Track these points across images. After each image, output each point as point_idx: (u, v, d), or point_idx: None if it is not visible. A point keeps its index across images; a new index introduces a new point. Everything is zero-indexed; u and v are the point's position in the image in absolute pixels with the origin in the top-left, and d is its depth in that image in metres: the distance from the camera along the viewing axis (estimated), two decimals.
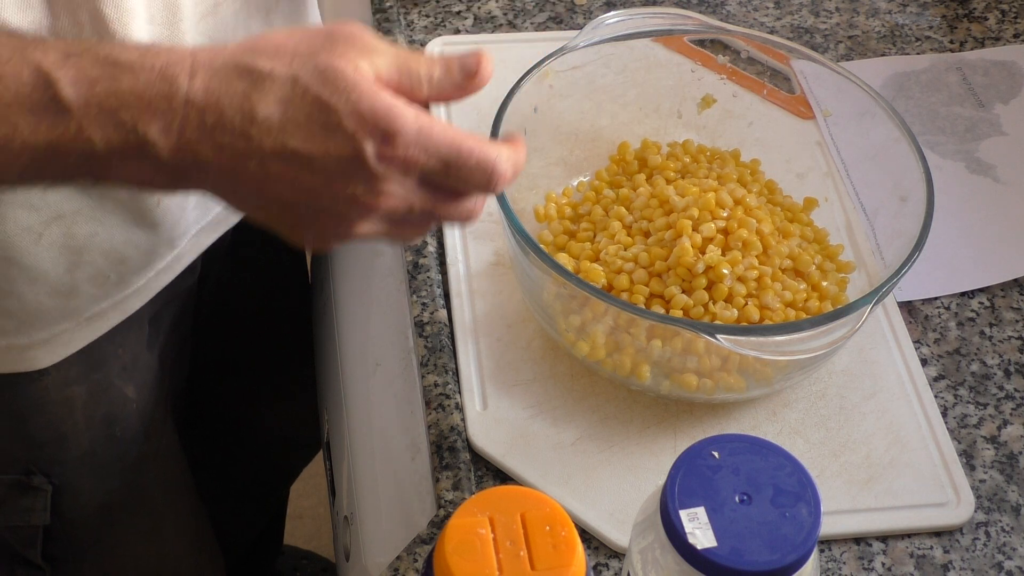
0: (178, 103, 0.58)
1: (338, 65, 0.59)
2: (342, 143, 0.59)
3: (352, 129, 0.59)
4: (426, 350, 0.84)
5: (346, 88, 0.59)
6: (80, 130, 0.58)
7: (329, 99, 0.59)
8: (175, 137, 0.59)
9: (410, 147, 0.60)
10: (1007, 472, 0.81)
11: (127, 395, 0.90)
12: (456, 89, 0.64)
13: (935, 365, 0.86)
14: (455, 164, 0.61)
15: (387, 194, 0.61)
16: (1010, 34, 1.09)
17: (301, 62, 0.59)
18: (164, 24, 0.73)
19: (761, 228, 0.82)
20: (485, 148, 0.62)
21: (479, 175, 0.62)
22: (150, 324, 0.91)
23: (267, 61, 0.59)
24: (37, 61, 0.58)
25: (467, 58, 0.63)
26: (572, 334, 0.80)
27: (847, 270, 0.86)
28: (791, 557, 0.58)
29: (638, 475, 0.78)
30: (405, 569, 0.74)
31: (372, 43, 0.61)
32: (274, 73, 0.59)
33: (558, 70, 0.88)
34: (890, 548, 0.77)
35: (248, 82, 0.59)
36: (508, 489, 0.60)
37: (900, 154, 0.84)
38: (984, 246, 0.93)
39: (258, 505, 1.34)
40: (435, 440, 0.80)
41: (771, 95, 0.94)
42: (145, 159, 0.59)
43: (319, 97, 0.59)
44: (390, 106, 0.59)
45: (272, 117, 0.59)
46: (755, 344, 0.73)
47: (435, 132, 0.61)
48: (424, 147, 0.60)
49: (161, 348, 0.94)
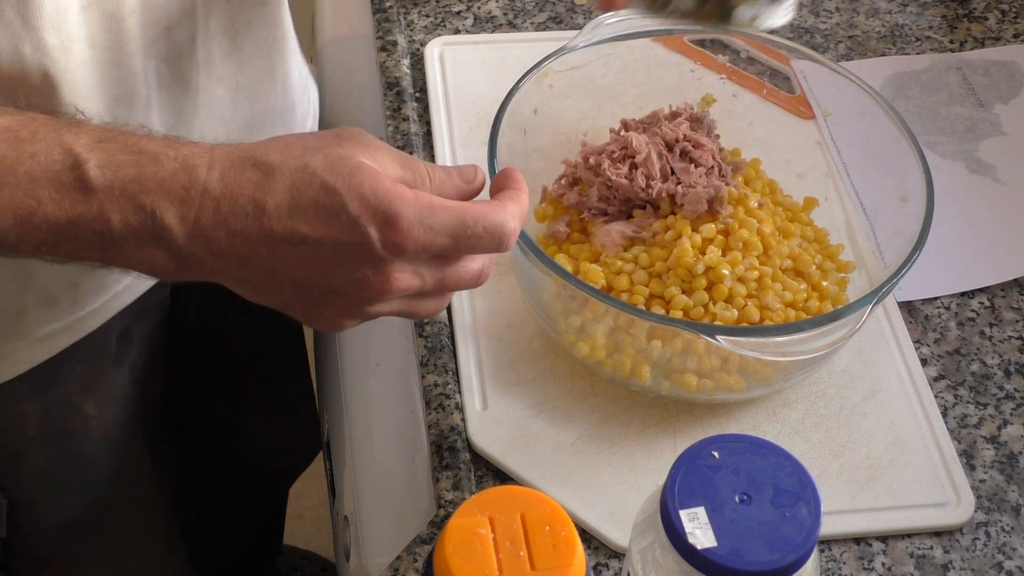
0: (196, 192, 0.61)
1: (344, 154, 0.62)
2: (348, 229, 0.61)
3: (356, 214, 0.61)
4: (426, 350, 0.84)
5: (350, 173, 0.61)
6: (101, 211, 0.61)
7: (334, 184, 0.61)
8: (191, 224, 0.61)
9: (414, 229, 0.62)
10: (1007, 472, 0.81)
11: (87, 412, 0.89)
12: (455, 191, 0.66)
13: (935, 365, 0.86)
14: (463, 236, 0.63)
15: (396, 275, 0.63)
16: (1010, 34, 1.09)
17: (311, 154, 0.62)
18: (108, 48, 0.73)
19: (762, 228, 0.82)
20: (489, 213, 0.64)
21: (489, 241, 0.64)
22: (118, 341, 0.90)
23: (278, 155, 0.62)
24: (70, 143, 0.61)
25: (464, 168, 0.67)
26: (572, 335, 0.80)
27: (847, 270, 0.86)
28: (791, 557, 0.58)
29: (638, 475, 0.78)
30: (405, 569, 0.74)
31: (377, 143, 0.64)
32: (284, 164, 0.62)
33: (558, 70, 0.88)
34: (890, 548, 0.77)
35: (260, 173, 0.62)
36: (508, 489, 0.60)
37: (900, 154, 0.84)
38: (984, 246, 0.93)
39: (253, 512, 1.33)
40: (435, 440, 0.80)
41: (771, 95, 0.94)
42: (160, 244, 0.62)
43: (325, 182, 0.61)
44: (389, 189, 0.61)
45: (282, 204, 0.61)
46: (755, 345, 0.73)
47: (436, 209, 0.62)
48: (429, 226, 0.62)
49: (131, 364, 0.93)
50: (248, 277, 0.64)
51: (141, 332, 0.93)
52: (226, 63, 0.83)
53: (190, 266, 0.63)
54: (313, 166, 0.62)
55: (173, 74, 0.79)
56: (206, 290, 0.68)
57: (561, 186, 0.89)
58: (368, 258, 0.62)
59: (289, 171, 0.62)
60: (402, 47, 1.03)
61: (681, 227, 0.82)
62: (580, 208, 0.86)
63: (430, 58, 1.02)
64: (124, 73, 0.74)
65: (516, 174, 0.69)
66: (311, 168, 0.62)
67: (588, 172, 0.86)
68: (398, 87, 1.00)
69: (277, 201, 0.61)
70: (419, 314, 0.68)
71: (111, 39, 0.73)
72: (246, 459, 1.21)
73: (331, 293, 0.64)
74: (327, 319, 0.66)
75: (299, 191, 0.61)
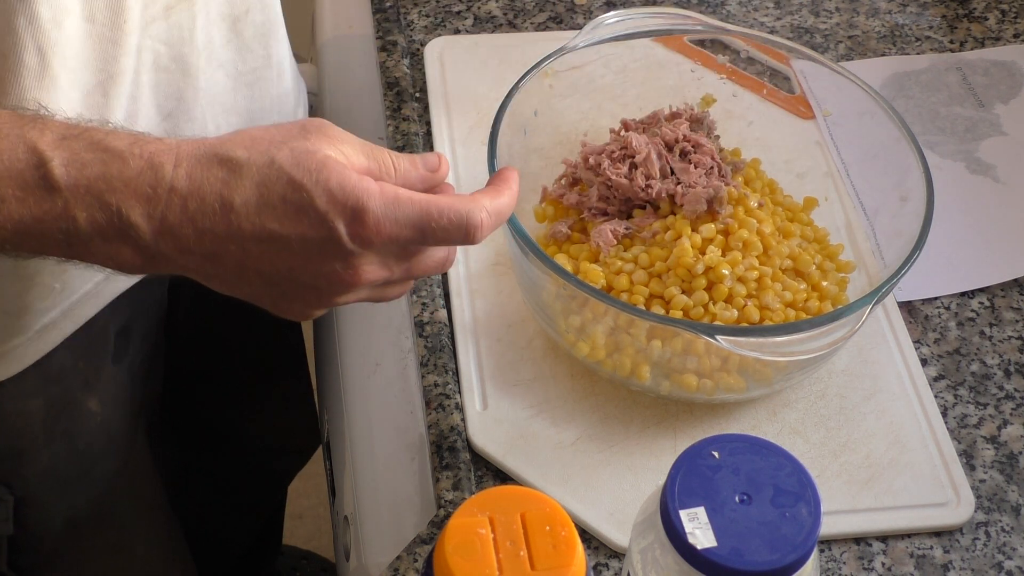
0: (163, 191, 0.61)
1: (311, 148, 0.62)
2: (316, 224, 0.62)
3: (324, 209, 0.62)
4: (426, 350, 0.84)
5: (316, 168, 0.62)
6: (66, 209, 0.61)
7: (301, 179, 0.62)
8: (158, 222, 0.61)
9: (380, 222, 0.62)
10: (1007, 472, 0.81)
11: (90, 409, 0.89)
12: (419, 180, 0.67)
13: (935, 365, 0.86)
14: (428, 228, 0.64)
15: (364, 268, 0.64)
16: (1010, 34, 1.09)
17: (276, 148, 0.62)
18: (106, 24, 0.73)
19: (761, 228, 0.82)
20: (455, 205, 0.64)
21: (455, 232, 0.64)
22: (116, 337, 0.90)
23: (244, 151, 0.63)
24: (34, 140, 0.61)
25: (428, 156, 0.68)
26: (572, 334, 0.80)
27: (847, 270, 0.86)
28: (791, 557, 0.58)
29: (638, 475, 0.78)
30: (405, 569, 0.74)
31: (342, 134, 0.65)
32: (251, 160, 0.62)
33: (558, 70, 0.88)
34: (890, 548, 0.77)
35: (227, 170, 0.62)
36: (508, 489, 0.60)
37: (900, 154, 0.84)
38: (984, 246, 0.93)
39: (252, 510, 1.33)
40: (435, 440, 0.80)
41: (771, 95, 0.94)
42: (127, 241, 0.62)
43: (292, 178, 0.62)
44: (356, 182, 0.62)
45: (250, 201, 0.62)
46: (755, 345, 0.73)
47: (402, 201, 0.63)
48: (394, 219, 0.63)
49: (131, 361, 0.93)
50: (217, 272, 0.64)
51: (139, 330, 0.93)
52: (226, 49, 0.84)
53: (158, 262, 0.63)
54: (280, 161, 0.62)
55: (172, 57, 0.79)
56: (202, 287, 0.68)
57: (561, 186, 0.89)
58: (337, 253, 0.63)
59: (256, 167, 0.62)
60: (402, 47, 1.03)
61: (681, 227, 0.82)
62: (580, 208, 0.86)
63: (430, 58, 1.02)
64: (119, 51, 0.74)
65: (507, 172, 0.70)
66: (278, 163, 0.62)
67: (588, 172, 0.86)
68: (398, 87, 1.00)
69: (245, 198, 0.62)
70: (384, 299, 0.69)
71: (110, 16, 0.73)
72: (245, 455, 1.21)
73: (300, 286, 0.65)
74: (296, 310, 0.67)
75: (266, 187, 0.62)
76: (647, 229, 0.83)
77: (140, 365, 0.95)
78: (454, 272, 0.88)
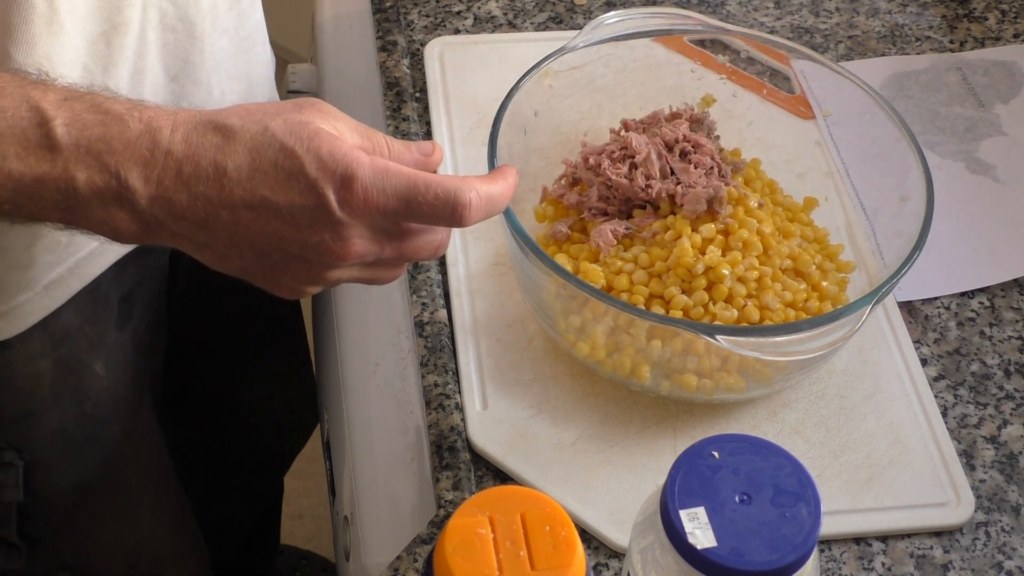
0: (159, 153, 0.62)
1: (304, 119, 0.64)
2: (306, 191, 0.63)
3: (314, 176, 0.62)
4: (426, 350, 0.84)
5: (308, 137, 0.63)
6: (66, 169, 0.62)
7: (293, 146, 0.63)
8: (154, 185, 0.62)
9: (368, 189, 0.63)
10: (1007, 472, 0.81)
11: (96, 372, 0.90)
12: (412, 163, 0.68)
13: (935, 365, 0.86)
14: (414, 200, 0.64)
15: (354, 240, 0.64)
16: (1010, 34, 1.09)
17: (270, 118, 0.64)
18: None
19: (761, 228, 0.82)
20: (444, 181, 0.65)
21: (441, 208, 0.65)
22: (120, 304, 0.91)
23: (238, 120, 0.64)
24: (36, 99, 0.62)
25: (423, 143, 0.69)
26: (572, 334, 0.80)
27: (847, 270, 0.86)
28: (791, 557, 0.58)
29: (638, 475, 0.78)
30: (405, 569, 0.74)
31: (336, 112, 0.66)
32: (245, 127, 0.63)
33: (558, 70, 0.88)
34: (890, 548, 0.77)
35: (221, 136, 0.63)
36: (508, 489, 0.60)
37: (900, 154, 0.84)
38: (984, 246, 0.93)
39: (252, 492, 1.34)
40: (435, 440, 0.80)
41: (771, 95, 0.94)
42: (123, 205, 0.63)
43: (284, 144, 0.63)
44: (347, 151, 0.63)
45: (242, 167, 0.63)
46: (755, 345, 0.73)
47: (391, 172, 0.64)
48: (382, 188, 0.63)
49: (135, 329, 0.94)
50: (208, 241, 0.65)
51: (142, 298, 0.95)
52: (229, 14, 0.85)
53: (151, 229, 0.64)
54: (273, 129, 0.63)
55: (179, 17, 0.80)
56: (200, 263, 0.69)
57: (561, 186, 0.89)
58: (326, 221, 0.63)
59: (249, 134, 0.63)
60: (402, 47, 1.03)
61: (681, 227, 0.82)
62: (580, 208, 0.86)
63: (430, 58, 1.02)
64: (123, 2, 0.75)
65: (505, 167, 0.70)
66: (271, 131, 0.63)
67: (588, 172, 0.86)
68: (398, 87, 1.00)
69: (237, 163, 0.62)
70: (377, 281, 0.69)
71: None
72: (245, 431, 1.22)
73: (291, 258, 0.65)
74: (287, 285, 0.67)
75: (259, 153, 0.63)
76: (647, 229, 0.83)
77: (143, 334, 0.96)
78: (454, 272, 0.88)
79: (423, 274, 0.88)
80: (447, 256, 0.88)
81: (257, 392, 1.20)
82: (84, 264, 0.84)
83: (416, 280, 0.87)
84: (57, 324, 0.85)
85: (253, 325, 1.15)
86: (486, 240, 0.90)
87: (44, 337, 0.85)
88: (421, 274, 0.88)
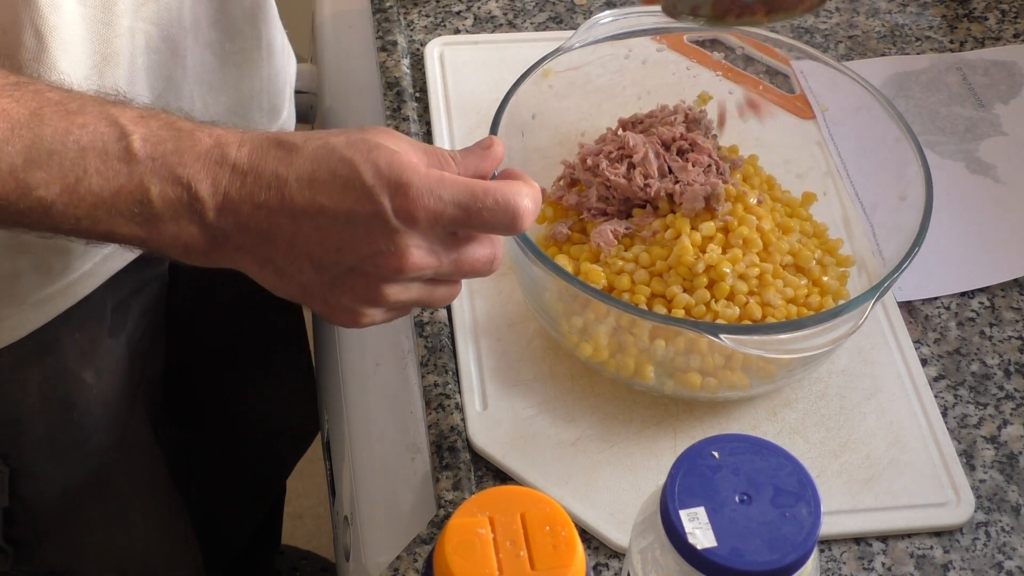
0: (227, 167, 0.65)
1: (366, 137, 0.65)
2: (362, 199, 0.64)
3: (370, 183, 0.64)
4: (426, 350, 0.84)
5: (368, 148, 0.64)
6: (141, 181, 0.64)
7: (352, 156, 0.64)
8: (221, 196, 0.64)
9: (423, 197, 0.64)
10: (1007, 472, 0.81)
11: (86, 380, 0.90)
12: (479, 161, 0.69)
13: (935, 365, 0.86)
14: (474, 208, 0.65)
15: (411, 250, 0.65)
16: (1010, 34, 1.09)
17: (334, 136, 0.66)
18: (97, 7, 0.75)
19: (761, 225, 0.82)
20: (501, 187, 0.66)
21: (501, 215, 0.66)
22: (113, 312, 0.91)
23: (302, 137, 0.66)
24: (116, 115, 0.64)
25: (482, 140, 0.71)
26: (575, 336, 0.80)
27: (847, 264, 0.86)
28: (791, 557, 0.58)
29: (638, 475, 0.78)
30: (405, 569, 0.74)
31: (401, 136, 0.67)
32: (307, 142, 0.65)
33: (556, 70, 0.88)
34: (890, 548, 0.77)
35: (284, 150, 0.65)
36: (508, 489, 0.60)
37: (899, 152, 0.84)
38: (984, 246, 0.93)
39: (253, 498, 1.34)
40: (435, 440, 0.80)
41: (767, 91, 0.94)
42: (193, 218, 0.65)
43: (344, 155, 0.64)
44: (404, 162, 0.64)
45: (303, 177, 0.64)
46: (759, 343, 0.73)
47: (446, 180, 0.65)
48: (438, 196, 0.64)
49: (129, 337, 0.94)
50: (270, 255, 0.66)
51: (138, 306, 0.94)
52: (213, 28, 0.85)
53: (218, 244, 0.66)
54: (334, 143, 0.65)
55: (162, 38, 0.80)
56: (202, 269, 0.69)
57: (560, 187, 0.89)
58: (382, 229, 0.64)
59: (311, 147, 0.65)
60: (402, 47, 1.03)
61: (680, 225, 0.82)
62: (579, 209, 0.86)
63: (430, 58, 1.02)
64: (112, 33, 0.76)
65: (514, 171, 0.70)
66: (331, 144, 0.65)
67: (586, 173, 0.86)
68: (398, 87, 1.00)
69: (298, 173, 0.64)
70: (434, 301, 0.70)
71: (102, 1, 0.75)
72: (246, 438, 1.22)
73: (348, 272, 0.66)
74: (345, 306, 0.68)
75: (319, 164, 0.64)
76: (647, 228, 0.83)
77: (140, 341, 0.96)
78: None
79: None
80: None
81: (259, 399, 1.20)
82: (75, 285, 0.85)
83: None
84: (45, 334, 0.85)
85: (255, 335, 1.15)
86: None
87: (32, 346, 0.85)
88: None
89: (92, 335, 0.90)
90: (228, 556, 1.34)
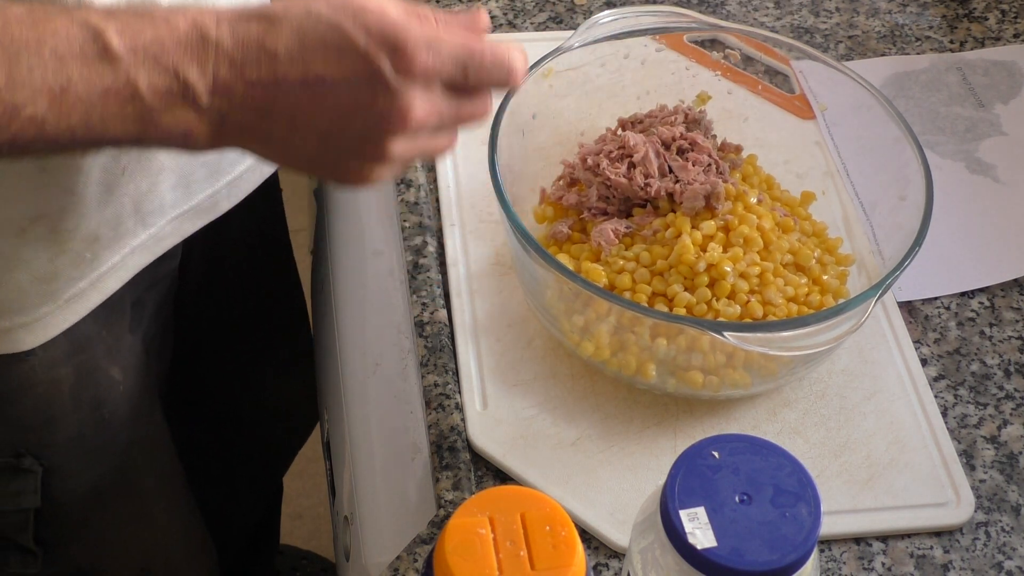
0: (210, 48, 0.63)
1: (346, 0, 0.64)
2: (358, 63, 0.63)
3: (364, 47, 0.63)
4: (426, 350, 0.84)
5: (353, 12, 0.63)
6: (128, 77, 0.62)
7: (341, 21, 0.63)
8: (211, 78, 0.63)
9: (420, 51, 0.64)
10: (1007, 472, 0.81)
11: (113, 377, 0.91)
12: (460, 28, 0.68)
13: (935, 365, 0.86)
14: (471, 64, 0.65)
15: (413, 106, 0.65)
16: (1010, 34, 1.09)
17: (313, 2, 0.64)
18: None
19: (761, 224, 0.82)
20: (495, 46, 0.66)
21: (497, 71, 0.66)
22: (132, 308, 0.91)
23: (281, 7, 0.65)
24: (84, 17, 0.63)
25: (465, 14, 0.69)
26: (576, 335, 0.80)
27: (846, 263, 0.86)
28: (791, 557, 0.58)
29: (638, 475, 0.78)
30: (405, 569, 0.74)
31: None
32: (287, 12, 0.64)
33: (556, 70, 0.88)
34: (890, 548, 0.77)
35: (265, 23, 0.64)
36: (508, 489, 0.60)
37: (899, 152, 0.84)
38: (984, 246, 0.93)
39: (253, 492, 1.34)
40: (435, 440, 0.80)
41: (766, 91, 0.94)
42: (187, 105, 0.63)
43: (330, 21, 0.63)
44: (395, 20, 0.63)
45: (292, 48, 0.63)
46: (762, 340, 0.73)
47: (443, 39, 0.65)
48: (436, 53, 0.64)
49: (144, 332, 0.95)
50: (273, 131, 0.65)
51: (152, 302, 0.95)
52: None
53: (218, 126, 0.64)
54: (316, 10, 0.64)
55: None
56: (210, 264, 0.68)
57: (560, 187, 0.89)
58: (383, 89, 0.64)
59: (293, 17, 0.64)
60: None
61: (681, 224, 0.82)
62: (580, 208, 0.86)
63: None
64: None
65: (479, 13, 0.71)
66: (314, 12, 0.64)
67: (586, 172, 0.86)
68: None
69: (286, 45, 0.63)
70: (437, 149, 0.70)
71: None
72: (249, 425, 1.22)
73: (353, 138, 0.66)
74: (355, 169, 0.68)
75: (305, 33, 0.63)
76: (647, 227, 0.83)
77: (153, 338, 0.97)
78: (454, 272, 0.88)
79: (423, 274, 0.88)
80: (447, 256, 0.88)
81: (261, 386, 1.20)
82: (105, 278, 0.85)
83: (416, 280, 0.87)
84: (77, 332, 0.86)
85: (259, 323, 1.16)
86: (486, 240, 0.90)
87: (64, 345, 0.86)
88: (421, 274, 0.88)
89: (116, 332, 0.90)
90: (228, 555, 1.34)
